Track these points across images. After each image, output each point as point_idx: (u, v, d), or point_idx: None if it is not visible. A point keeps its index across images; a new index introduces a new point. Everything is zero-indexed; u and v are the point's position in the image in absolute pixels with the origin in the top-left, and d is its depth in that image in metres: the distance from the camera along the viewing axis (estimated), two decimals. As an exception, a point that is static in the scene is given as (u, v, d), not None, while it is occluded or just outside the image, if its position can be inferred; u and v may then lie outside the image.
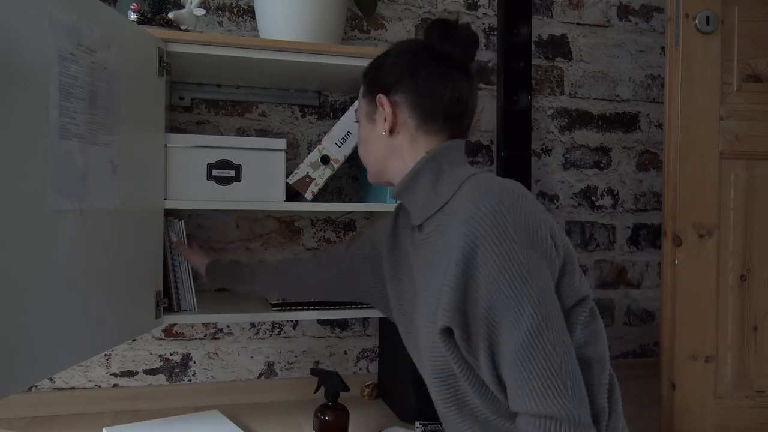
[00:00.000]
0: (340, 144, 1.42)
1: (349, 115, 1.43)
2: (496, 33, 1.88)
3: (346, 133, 1.42)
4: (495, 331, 0.84)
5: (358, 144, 1.11)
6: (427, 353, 0.94)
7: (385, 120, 1.01)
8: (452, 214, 0.92)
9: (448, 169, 0.98)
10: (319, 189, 1.42)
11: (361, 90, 1.08)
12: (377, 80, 1.04)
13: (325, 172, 1.42)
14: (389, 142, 1.03)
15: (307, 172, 1.42)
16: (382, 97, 1.01)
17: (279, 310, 1.40)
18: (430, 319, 0.92)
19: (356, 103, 1.18)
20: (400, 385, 1.57)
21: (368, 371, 1.78)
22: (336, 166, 1.43)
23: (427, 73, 0.99)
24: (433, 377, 0.95)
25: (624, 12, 2.01)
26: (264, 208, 1.38)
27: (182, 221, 1.38)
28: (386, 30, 1.79)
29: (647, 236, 2.04)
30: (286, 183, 1.40)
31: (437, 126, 1.01)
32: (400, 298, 1.10)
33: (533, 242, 0.86)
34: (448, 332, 0.88)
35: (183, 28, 1.37)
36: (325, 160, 1.42)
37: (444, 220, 0.94)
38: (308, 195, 1.42)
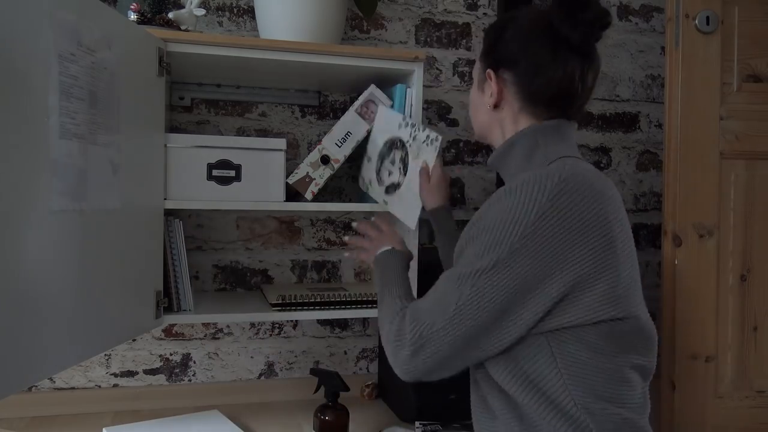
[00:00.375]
0: (340, 144, 1.42)
1: (349, 115, 1.43)
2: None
3: (346, 133, 1.42)
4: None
5: (470, 105, 1.14)
6: None
7: (491, 95, 1.04)
8: None
9: (542, 146, 0.99)
10: (319, 189, 1.42)
11: (480, 50, 1.09)
12: (491, 51, 1.05)
13: (325, 172, 1.42)
14: (493, 115, 1.06)
15: (307, 172, 1.42)
16: (491, 73, 1.03)
17: (279, 310, 1.40)
18: None
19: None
20: (400, 385, 1.57)
21: (368, 371, 1.78)
22: (336, 166, 1.43)
23: (540, 57, 0.98)
24: None
25: (624, 12, 2.01)
26: (264, 208, 1.38)
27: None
28: (386, 30, 1.79)
29: (647, 236, 2.04)
30: (286, 183, 1.40)
31: (542, 109, 1.01)
32: None
33: (542, 232, 0.85)
34: None
35: (183, 28, 1.37)
36: (325, 160, 1.42)
37: None
38: (308, 195, 1.42)
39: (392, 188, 1.41)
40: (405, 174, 1.38)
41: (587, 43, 0.98)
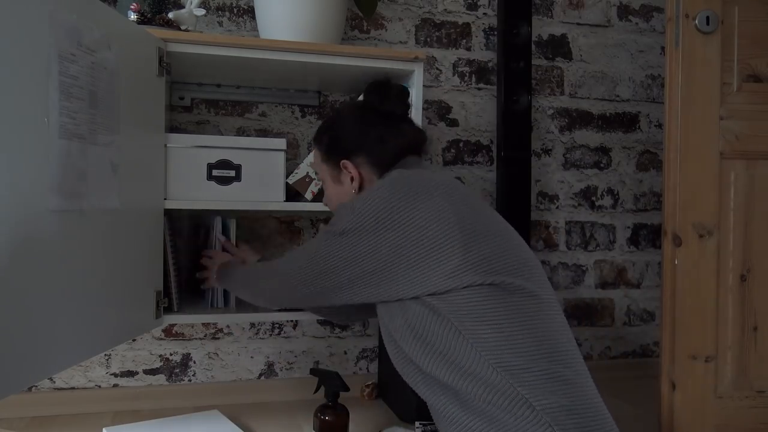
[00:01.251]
0: None
1: None
2: (496, 33, 1.88)
3: None
4: None
5: (326, 199, 1.26)
6: None
7: (352, 180, 1.16)
8: None
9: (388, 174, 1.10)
10: (319, 189, 1.42)
11: (318, 156, 1.22)
12: (336, 148, 1.18)
13: None
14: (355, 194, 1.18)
15: (307, 172, 1.42)
16: (346, 162, 1.16)
17: (279, 310, 1.40)
18: None
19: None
20: (400, 385, 1.57)
21: (368, 371, 1.78)
22: None
23: (378, 133, 1.15)
24: None
25: (624, 12, 2.01)
26: (264, 208, 1.38)
27: (234, 220, 1.44)
28: (386, 30, 1.79)
29: (647, 236, 2.04)
30: (286, 183, 1.40)
31: (396, 166, 1.15)
32: None
33: (384, 221, 0.97)
34: None
35: (183, 28, 1.37)
36: None
37: None
38: (308, 195, 1.42)
39: None
40: None
41: (405, 111, 1.23)
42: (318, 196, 1.44)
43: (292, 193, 1.42)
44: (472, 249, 0.95)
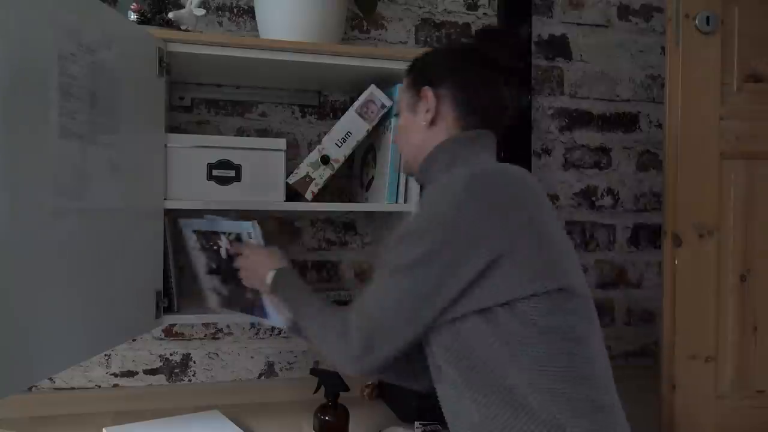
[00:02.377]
0: (340, 144, 1.42)
1: (349, 115, 1.43)
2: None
3: (346, 133, 1.42)
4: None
5: (398, 134, 1.17)
6: None
7: (427, 111, 1.07)
8: None
9: (462, 156, 1.03)
10: (319, 189, 1.42)
11: (405, 82, 1.14)
12: (424, 74, 1.10)
13: (325, 172, 1.42)
14: (427, 134, 1.08)
15: (307, 172, 1.42)
16: (427, 89, 1.07)
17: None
18: None
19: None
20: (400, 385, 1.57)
21: (368, 371, 1.78)
22: (336, 166, 1.43)
23: (471, 74, 1.06)
24: None
25: (624, 12, 2.01)
26: (264, 208, 1.38)
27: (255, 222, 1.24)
28: (386, 30, 1.78)
29: (647, 236, 2.04)
30: (286, 183, 1.40)
31: (474, 124, 1.07)
32: None
33: (453, 230, 0.92)
34: None
35: (183, 28, 1.37)
36: (325, 160, 1.42)
37: None
38: (308, 195, 1.42)
39: (369, 184, 1.50)
40: (376, 167, 1.48)
41: (511, 68, 1.10)
42: (318, 196, 1.44)
43: (292, 193, 1.42)
44: (553, 260, 0.94)
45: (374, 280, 0.99)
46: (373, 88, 1.43)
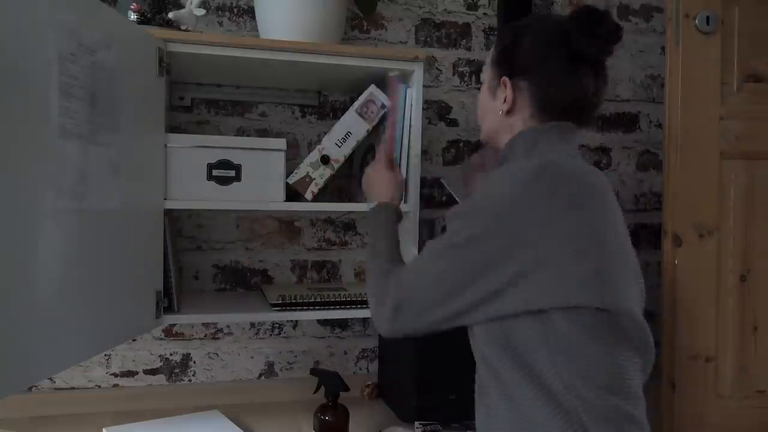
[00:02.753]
0: (340, 144, 1.42)
1: (349, 115, 1.43)
2: (496, 33, 1.88)
3: (346, 133, 1.42)
4: None
5: (479, 105, 1.15)
6: None
7: (504, 101, 1.05)
8: None
9: (541, 145, 1.01)
10: (319, 189, 1.42)
11: (491, 56, 1.10)
12: (507, 59, 1.06)
13: (325, 172, 1.42)
14: (504, 120, 1.07)
15: (307, 172, 1.41)
16: (506, 80, 1.05)
17: (279, 310, 1.40)
18: None
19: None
20: (400, 385, 1.57)
21: (368, 371, 1.78)
22: (336, 166, 1.42)
23: (556, 69, 1.01)
24: None
25: (624, 12, 2.01)
26: (264, 208, 1.38)
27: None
28: (386, 30, 1.78)
29: (647, 236, 2.04)
30: (286, 183, 1.40)
31: (553, 117, 1.03)
32: None
33: (505, 222, 0.91)
34: None
35: (183, 28, 1.37)
36: (325, 160, 1.42)
37: None
38: (308, 195, 1.42)
39: None
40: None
41: (601, 58, 1.02)
42: (318, 196, 1.44)
43: (292, 193, 1.42)
44: (595, 269, 0.89)
45: (423, 252, 1.01)
46: (372, 88, 1.43)
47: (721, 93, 1.51)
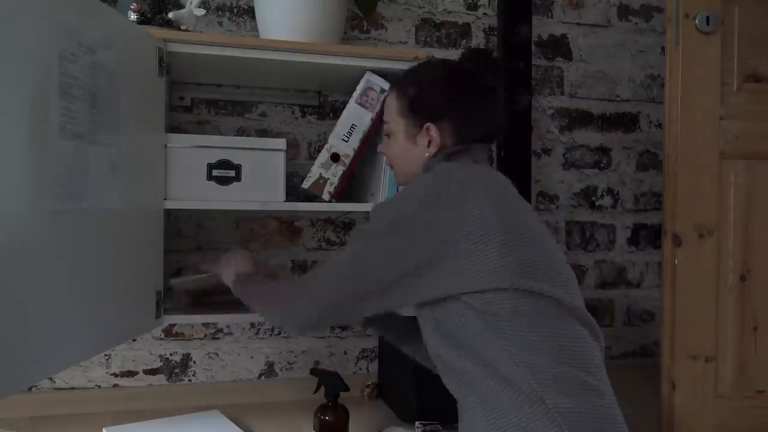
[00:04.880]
0: (346, 138, 1.41)
1: (351, 107, 1.42)
2: (496, 33, 1.88)
3: (351, 126, 1.41)
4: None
5: (392, 155, 1.18)
6: None
7: (429, 144, 1.11)
8: None
9: (444, 165, 1.06)
10: (335, 188, 1.41)
11: (396, 105, 1.15)
12: (421, 107, 1.12)
13: (338, 170, 1.41)
14: (427, 159, 1.12)
15: (320, 174, 1.41)
16: (430, 126, 1.10)
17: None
18: None
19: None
20: (400, 385, 1.57)
21: (368, 371, 1.78)
22: (347, 161, 1.41)
23: (473, 106, 1.11)
24: None
25: (624, 12, 2.01)
26: (264, 208, 1.38)
27: None
28: (386, 30, 1.78)
29: (647, 236, 2.04)
30: (303, 188, 1.40)
31: (472, 143, 1.11)
32: None
33: (422, 212, 0.97)
34: None
35: (183, 28, 1.37)
36: (335, 157, 1.41)
37: None
38: (325, 196, 1.41)
39: None
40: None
41: (500, 88, 1.14)
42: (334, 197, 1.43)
43: (312, 197, 1.43)
44: (510, 254, 0.94)
45: (335, 256, 1.07)
46: (368, 74, 1.42)
47: (721, 93, 1.51)
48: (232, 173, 1.35)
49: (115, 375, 1.60)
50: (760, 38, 1.53)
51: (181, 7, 1.40)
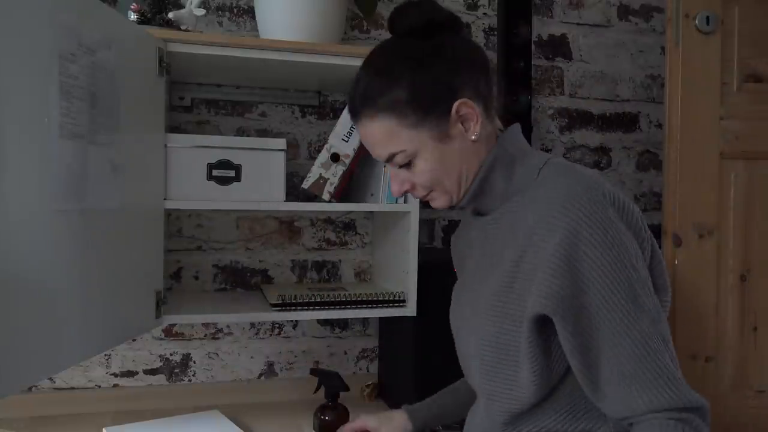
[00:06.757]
0: (346, 138, 1.41)
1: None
2: (496, 33, 1.88)
3: (351, 126, 1.41)
4: (599, 324, 0.83)
5: (428, 176, 0.93)
6: (487, 338, 0.90)
7: (475, 124, 0.91)
8: (533, 199, 0.89)
9: (519, 157, 0.94)
10: (335, 188, 1.41)
11: (400, 124, 0.91)
12: (430, 93, 0.90)
13: (338, 170, 1.41)
14: (475, 147, 0.93)
15: (320, 174, 1.41)
16: (464, 103, 0.90)
17: (279, 310, 1.40)
18: (498, 301, 0.89)
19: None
20: (400, 385, 1.57)
21: (368, 371, 1.78)
22: (347, 161, 1.41)
23: (481, 68, 0.94)
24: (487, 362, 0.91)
25: (624, 12, 2.01)
26: (264, 208, 1.38)
27: None
28: (386, 30, 1.78)
29: (647, 236, 2.04)
30: (303, 188, 1.40)
31: (492, 101, 0.96)
32: (460, 292, 1.05)
33: (629, 224, 0.85)
34: (538, 321, 0.84)
35: (183, 28, 1.37)
36: (335, 157, 1.41)
37: (519, 202, 0.91)
38: (325, 196, 1.41)
39: None
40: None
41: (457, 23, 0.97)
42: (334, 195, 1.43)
43: (312, 197, 1.42)
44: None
45: (616, 342, 0.87)
46: None
47: (721, 93, 1.51)
48: (232, 173, 1.35)
49: (115, 375, 1.60)
50: (760, 38, 1.53)
51: (181, 7, 1.40)
